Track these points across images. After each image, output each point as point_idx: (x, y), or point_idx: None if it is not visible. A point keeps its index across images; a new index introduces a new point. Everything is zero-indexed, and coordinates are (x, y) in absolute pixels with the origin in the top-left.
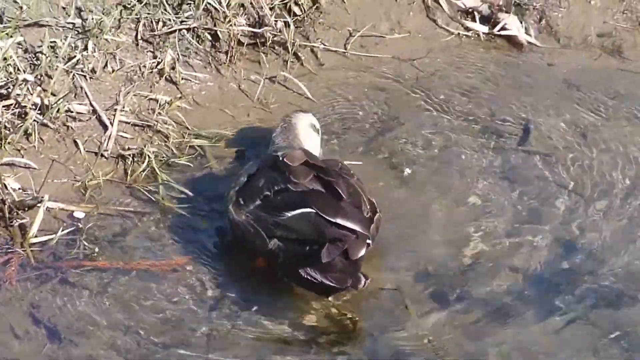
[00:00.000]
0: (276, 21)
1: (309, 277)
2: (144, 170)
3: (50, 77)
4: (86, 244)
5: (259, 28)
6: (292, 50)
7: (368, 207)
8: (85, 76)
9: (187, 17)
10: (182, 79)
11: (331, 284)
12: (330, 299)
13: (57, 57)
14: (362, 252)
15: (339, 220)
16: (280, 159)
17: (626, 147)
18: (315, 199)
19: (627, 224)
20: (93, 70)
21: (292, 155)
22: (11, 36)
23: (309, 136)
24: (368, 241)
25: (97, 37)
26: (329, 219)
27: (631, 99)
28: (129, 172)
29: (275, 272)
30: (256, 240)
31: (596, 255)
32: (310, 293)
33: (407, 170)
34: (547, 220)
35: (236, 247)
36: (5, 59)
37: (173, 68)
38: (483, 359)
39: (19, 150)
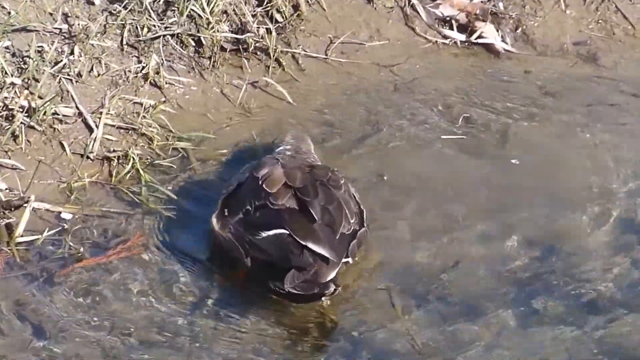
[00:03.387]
0: (258, 28)
1: (276, 288)
2: (128, 172)
3: (37, 80)
4: (72, 244)
5: (242, 34)
6: (273, 56)
7: (352, 220)
8: (71, 80)
9: (171, 24)
10: (166, 83)
11: (297, 292)
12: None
13: (44, 61)
14: (331, 276)
15: (310, 245)
16: (260, 182)
17: (602, 153)
18: (290, 220)
19: (604, 226)
20: (79, 74)
21: (271, 179)
22: None
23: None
24: (346, 259)
25: (83, 42)
26: (300, 241)
27: (606, 105)
28: (114, 173)
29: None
30: (234, 254)
31: (574, 257)
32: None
33: (386, 175)
34: (525, 224)
35: (217, 250)
36: None
37: (157, 73)
38: (461, 357)
39: (6, 152)
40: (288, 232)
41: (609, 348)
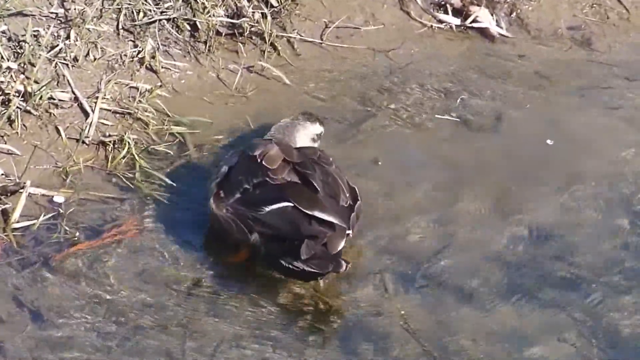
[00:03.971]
0: (254, 12)
1: (290, 266)
2: (124, 157)
3: (33, 65)
4: (67, 228)
5: (237, 19)
6: (269, 40)
7: (348, 195)
8: (67, 64)
9: (167, 8)
10: (162, 67)
11: (313, 270)
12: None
13: (40, 45)
14: (342, 244)
15: (317, 214)
16: (259, 160)
17: (596, 137)
18: (293, 192)
19: (596, 211)
20: (75, 59)
21: (270, 156)
22: None
23: (305, 144)
24: (348, 231)
25: (79, 26)
26: (307, 212)
27: (600, 89)
28: (110, 158)
29: (252, 260)
30: (237, 234)
31: (568, 240)
32: (284, 278)
33: (381, 159)
34: (518, 207)
35: (213, 234)
36: None
37: (153, 57)
38: (454, 340)
39: (2, 137)
40: (292, 205)
41: (602, 332)
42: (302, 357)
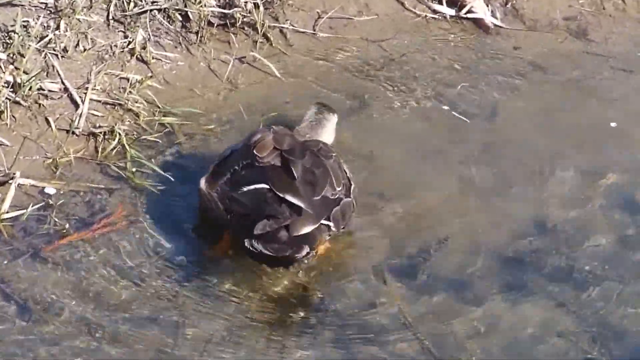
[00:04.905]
0: (246, 2)
1: (250, 247)
2: (114, 148)
3: (22, 55)
4: (57, 220)
5: (229, 9)
6: (261, 31)
7: (339, 189)
8: (57, 55)
9: None
10: (152, 58)
11: (269, 253)
12: (300, 274)
13: (29, 36)
14: (305, 229)
15: (288, 197)
16: (252, 148)
17: (591, 129)
18: (271, 175)
19: (592, 204)
20: (65, 50)
21: (262, 144)
22: None
23: (329, 136)
24: (328, 223)
25: (69, 16)
26: (279, 194)
27: (596, 80)
28: (100, 149)
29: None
30: (216, 214)
31: (563, 233)
32: (280, 270)
33: (374, 151)
34: (514, 200)
35: (206, 223)
36: None
37: (144, 48)
38: (452, 334)
39: None
40: (268, 187)
41: (597, 324)
42: (296, 351)
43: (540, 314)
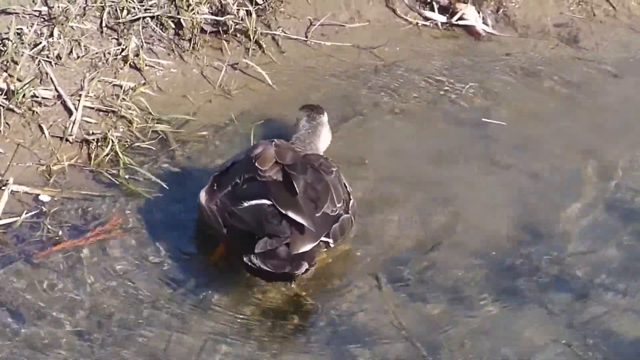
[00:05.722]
0: (238, 9)
1: (249, 263)
2: (107, 155)
3: (16, 63)
4: (50, 227)
5: (222, 16)
6: (253, 38)
7: (338, 205)
8: (50, 62)
9: (151, 6)
10: (146, 65)
11: (268, 269)
12: (293, 285)
13: (23, 43)
14: (305, 247)
15: (290, 214)
16: (253, 161)
17: (583, 135)
18: (273, 190)
19: (588, 211)
20: (58, 57)
21: (263, 158)
22: None
23: (327, 138)
24: (327, 240)
25: (62, 24)
26: (281, 210)
27: (587, 87)
28: (93, 156)
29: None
30: (215, 225)
31: (558, 239)
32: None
33: (367, 158)
34: (509, 207)
35: (200, 230)
36: None
37: (137, 55)
38: (445, 339)
39: None
40: (270, 202)
41: (592, 331)
42: (289, 357)
43: (536, 321)
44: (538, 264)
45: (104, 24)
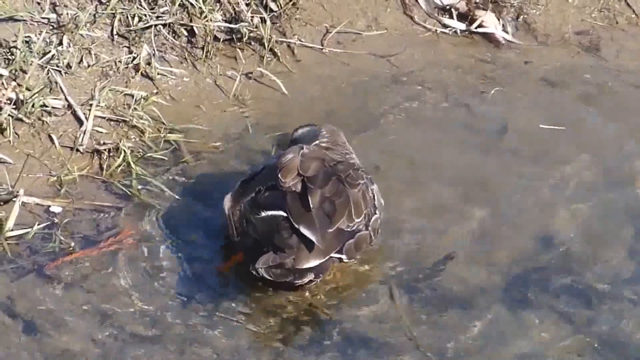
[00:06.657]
0: (252, 17)
1: (253, 271)
2: (119, 165)
3: (25, 72)
4: (62, 238)
5: (236, 24)
6: (268, 46)
7: (357, 220)
8: (60, 71)
9: (162, 13)
10: (158, 74)
11: (270, 278)
12: (307, 293)
13: (31, 52)
14: (310, 264)
15: (302, 228)
16: (278, 170)
17: (603, 145)
18: (289, 202)
19: (601, 217)
20: (68, 66)
21: (287, 169)
22: None
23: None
24: (340, 256)
25: (72, 32)
26: (294, 224)
27: (608, 96)
28: (105, 167)
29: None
30: (230, 231)
31: (570, 247)
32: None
33: (383, 166)
34: (523, 216)
35: (212, 241)
36: None
37: (149, 63)
38: (458, 350)
39: None
40: (285, 215)
41: (602, 338)
42: None
43: (550, 332)
44: (550, 271)
45: (114, 32)
